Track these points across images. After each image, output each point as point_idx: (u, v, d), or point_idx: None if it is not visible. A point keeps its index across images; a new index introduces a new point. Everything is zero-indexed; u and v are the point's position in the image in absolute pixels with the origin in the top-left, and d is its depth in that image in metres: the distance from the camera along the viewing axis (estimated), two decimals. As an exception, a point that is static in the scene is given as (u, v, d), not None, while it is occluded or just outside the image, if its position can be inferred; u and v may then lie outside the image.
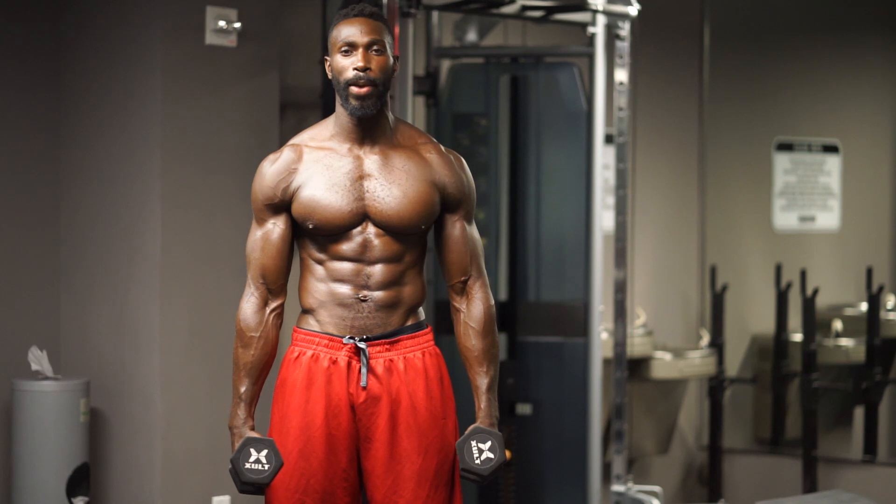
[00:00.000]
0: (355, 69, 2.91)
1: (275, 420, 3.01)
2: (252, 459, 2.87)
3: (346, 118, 2.97)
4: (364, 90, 2.92)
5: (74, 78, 4.59)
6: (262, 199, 2.98)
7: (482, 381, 3.00)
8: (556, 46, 5.31)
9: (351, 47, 2.92)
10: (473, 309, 3.02)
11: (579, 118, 4.96)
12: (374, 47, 2.93)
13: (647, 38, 5.81)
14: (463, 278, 3.03)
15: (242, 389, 2.96)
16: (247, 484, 2.88)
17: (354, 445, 2.99)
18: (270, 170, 2.98)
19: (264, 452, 2.87)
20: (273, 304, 2.99)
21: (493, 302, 3.05)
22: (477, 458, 2.92)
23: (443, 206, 3.01)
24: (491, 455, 2.91)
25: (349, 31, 2.93)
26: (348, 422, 2.97)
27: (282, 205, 2.97)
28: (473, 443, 2.92)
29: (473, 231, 3.05)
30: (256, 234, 2.99)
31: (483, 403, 3.00)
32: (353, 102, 2.93)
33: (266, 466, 2.87)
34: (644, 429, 5.96)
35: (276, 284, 2.99)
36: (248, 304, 2.98)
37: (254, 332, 2.97)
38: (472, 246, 3.04)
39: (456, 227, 3.03)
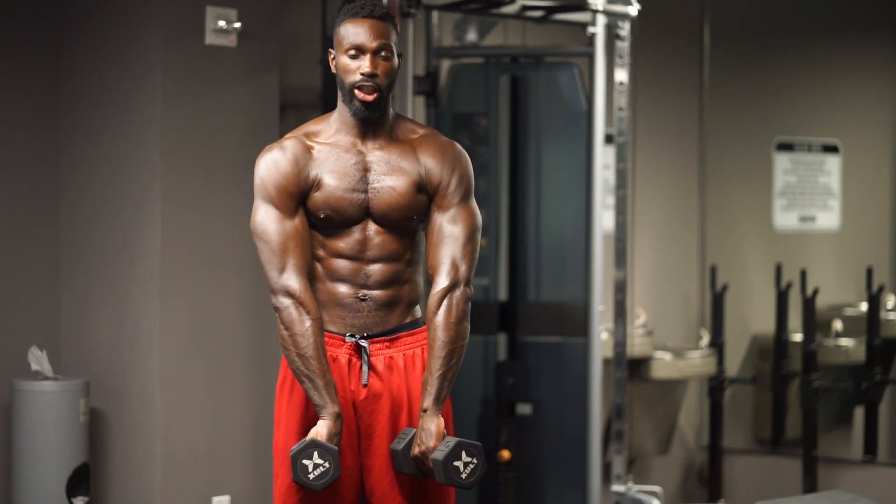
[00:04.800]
0: (362, 74, 2.91)
1: (278, 417, 3.01)
2: (311, 467, 2.84)
3: (349, 115, 2.98)
4: (370, 97, 2.93)
5: (74, 78, 4.59)
6: (292, 188, 2.93)
7: (432, 363, 2.94)
8: (556, 46, 5.31)
9: (359, 51, 2.92)
10: (432, 291, 2.97)
11: (579, 118, 4.96)
12: (382, 53, 2.93)
13: (647, 38, 5.81)
14: (434, 266, 2.97)
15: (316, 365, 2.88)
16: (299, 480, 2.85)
17: (356, 442, 2.99)
18: (293, 160, 2.94)
19: (325, 462, 2.83)
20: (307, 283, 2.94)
21: (449, 284, 2.94)
22: (462, 472, 2.89)
23: (427, 194, 3.00)
24: (474, 461, 2.89)
25: (358, 32, 2.92)
26: (349, 419, 2.97)
27: (306, 193, 2.95)
28: (456, 464, 2.86)
29: (455, 224, 2.98)
30: (286, 225, 2.92)
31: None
32: (358, 105, 2.94)
33: (319, 476, 2.84)
34: (644, 429, 5.96)
35: (308, 269, 2.95)
36: (298, 284, 2.89)
37: (311, 303, 2.89)
38: (450, 238, 2.96)
39: (434, 218, 2.99)
